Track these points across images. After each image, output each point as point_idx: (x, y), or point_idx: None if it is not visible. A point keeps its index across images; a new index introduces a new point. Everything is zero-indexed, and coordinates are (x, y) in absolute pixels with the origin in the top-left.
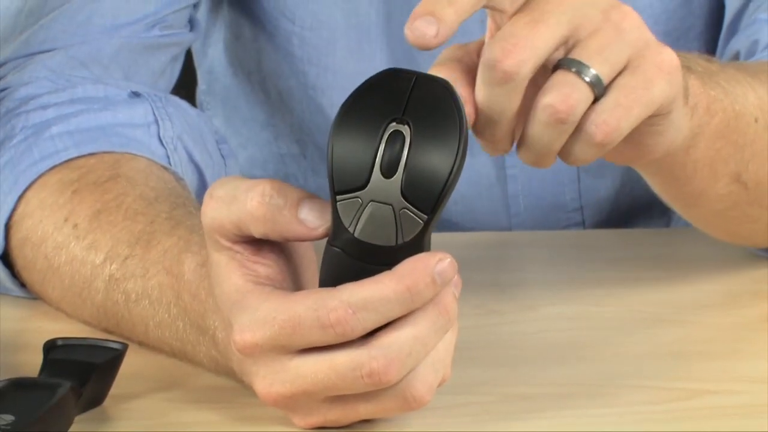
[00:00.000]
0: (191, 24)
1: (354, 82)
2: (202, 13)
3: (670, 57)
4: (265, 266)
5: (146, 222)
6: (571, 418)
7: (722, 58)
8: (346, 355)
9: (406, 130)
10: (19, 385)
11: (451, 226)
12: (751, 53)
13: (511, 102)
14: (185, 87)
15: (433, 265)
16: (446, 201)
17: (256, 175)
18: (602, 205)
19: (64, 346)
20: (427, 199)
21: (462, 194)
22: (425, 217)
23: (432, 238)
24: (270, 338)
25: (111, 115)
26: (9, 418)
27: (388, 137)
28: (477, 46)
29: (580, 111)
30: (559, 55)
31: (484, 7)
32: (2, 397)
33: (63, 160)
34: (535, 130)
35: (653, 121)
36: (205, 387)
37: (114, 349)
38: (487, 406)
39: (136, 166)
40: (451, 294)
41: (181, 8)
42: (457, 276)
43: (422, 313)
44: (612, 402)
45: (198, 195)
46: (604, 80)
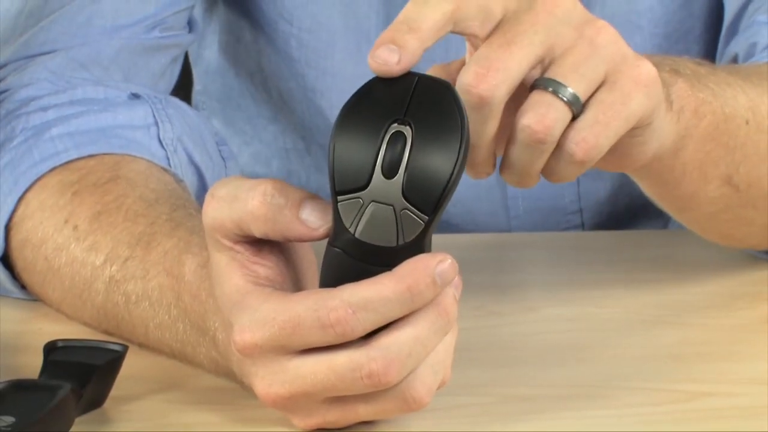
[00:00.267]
0: (190, 25)
1: (353, 85)
2: (197, 15)
3: (648, 69)
4: (266, 267)
5: (146, 223)
6: (571, 419)
7: (721, 60)
8: (346, 355)
9: (407, 130)
10: (20, 386)
11: (450, 228)
12: (750, 55)
13: (488, 125)
14: (184, 88)
15: (434, 266)
16: (447, 202)
17: (259, 173)
18: (601, 207)
19: (64, 347)
20: (428, 199)
21: (462, 196)
22: (426, 218)
23: (432, 239)
24: (270, 339)
25: (111, 117)
26: (9, 419)
27: (389, 138)
28: (459, 65)
29: (558, 130)
30: (536, 73)
31: (453, 32)
32: (2, 398)
33: (63, 161)
34: (516, 152)
35: (634, 132)
36: (205, 388)
37: (114, 350)
38: (487, 407)
39: (136, 167)
40: (451, 295)
41: (181, 10)
42: (457, 277)
43: (422, 314)
44: (611, 403)
45: (198, 196)
46: (582, 98)
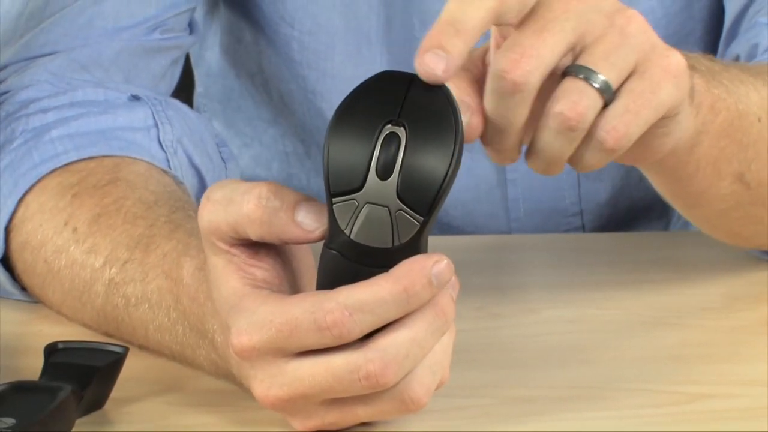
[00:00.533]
0: (191, 27)
1: (353, 87)
2: (198, 16)
3: (677, 59)
4: (263, 269)
5: (146, 226)
6: (571, 421)
7: None
8: (343, 357)
9: (401, 131)
10: (20, 388)
11: (451, 230)
12: (751, 57)
13: (520, 112)
14: (185, 90)
15: (430, 266)
16: (442, 202)
17: (260, 175)
18: (602, 209)
19: (64, 349)
20: (423, 200)
21: (462, 199)
22: (421, 218)
23: (432, 241)
24: (267, 341)
25: (111, 119)
26: (10, 421)
27: (383, 139)
28: (481, 54)
29: (590, 118)
30: (567, 61)
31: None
32: (3, 400)
33: (63, 163)
34: (546, 138)
35: (661, 123)
36: (204, 390)
37: (115, 352)
38: (487, 408)
39: (135, 169)
40: (448, 296)
41: (182, 12)
42: (454, 278)
43: (419, 315)
44: (612, 405)
45: (198, 198)
46: (613, 85)
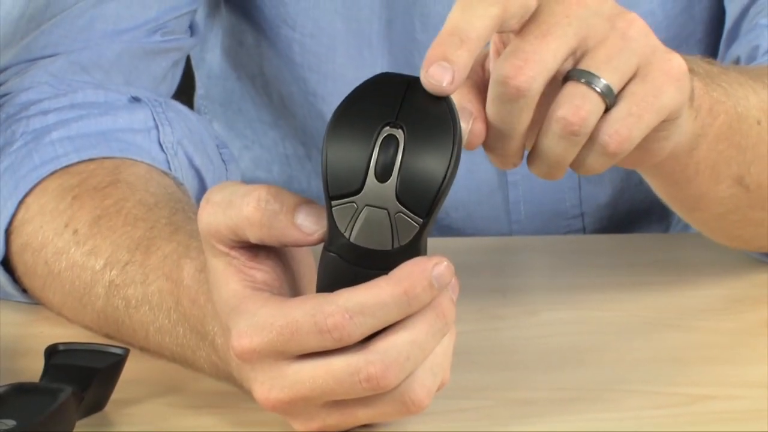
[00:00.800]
0: (192, 29)
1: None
2: (199, 18)
3: (679, 63)
4: (263, 272)
5: (146, 227)
6: (572, 422)
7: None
8: (344, 360)
9: (399, 134)
10: (21, 390)
11: (451, 233)
12: (752, 58)
13: (523, 117)
14: (186, 92)
15: (430, 268)
16: (441, 204)
17: (260, 177)
18: (602, 211)
19: (65, 351)
20: (422, 202)
21: (463, 201)
22: (420, 220)
23: (432, 242)
24: (268, 344)
25: (111, 121)
26: (10, 423)
27: (382, 141)
28: (481, 60)
29: (593, 122)
30: (568, 66)
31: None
32: (4, 402)
33: (63, 165)
34: (548, 143)
35: (662, 126)
36: (205, 392)
37: (115, 354)
38: (488, 410)
39: (136, 171)
40: (448, 298)
41: (183, 14)
42: (454, 279)
43: (420, 317)
44: (612, 407)
45: (198, 200)
46: (615, 89)
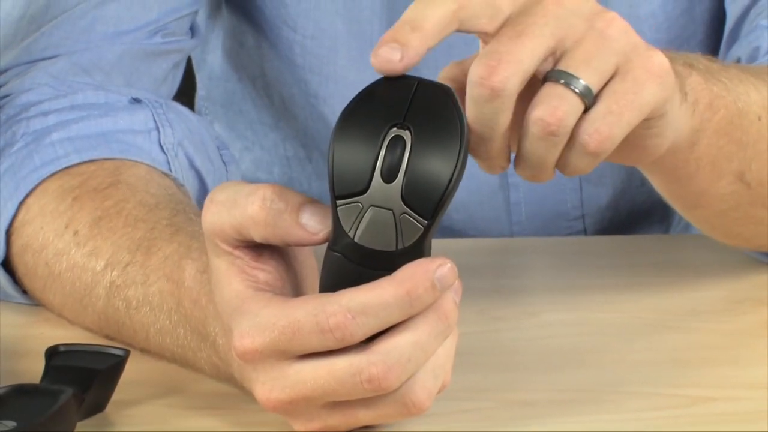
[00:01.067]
0: (193, 31)
1: (356, 91)
2: (200, 20)
3: (660, 60)
4: (265, 272)
5: (146, 229)
6: (573, 424)
7: None
8: (346, 360)
9: (406, 135)
10: (21, 391)
11: (452, 234)
12: (752, 59)
13: (501, 118)
14: (187, 94)
15: (434, 270)
16: (447, 206)
17: (261, 179)
18: (603, 212)
19: (66, 352)
20: (427, 204)
21: (464, 202)
22: (425, 222)
23: (434, 244)
24: (270, 344)
25: (112, 122)
26: (11, 424)
27: (388, 142)
28: (468, 66)
29: (571, 122)
30: (548, 66)
31: (461, 31)
32: (4, 403)
33: (63, 166)
34: (529, 145)
35: (648, 123)
36: (206, 393)
37: (116, 355)
38: (488, 411)
39: (136, 172)
40: (451, 299)
41: (183, 15)
42: (457, 281)
43: (422, 318)
44: (613, 408)
45: (199, 201)
46: (594, 89)
